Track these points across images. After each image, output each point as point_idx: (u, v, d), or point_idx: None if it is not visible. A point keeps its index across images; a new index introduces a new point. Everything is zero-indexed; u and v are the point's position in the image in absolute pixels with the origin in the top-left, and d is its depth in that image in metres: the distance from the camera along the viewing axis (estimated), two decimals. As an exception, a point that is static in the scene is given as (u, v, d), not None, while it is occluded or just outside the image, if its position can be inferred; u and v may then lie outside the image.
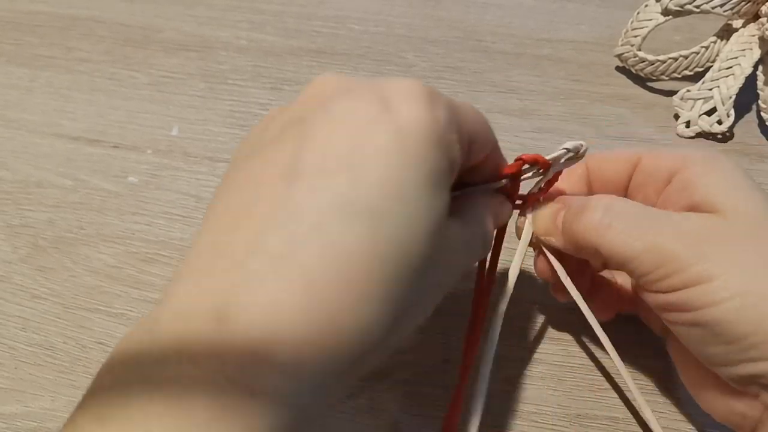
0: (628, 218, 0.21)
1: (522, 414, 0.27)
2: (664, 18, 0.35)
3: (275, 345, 0.14)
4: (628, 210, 0.22)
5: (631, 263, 0.21)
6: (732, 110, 0.35)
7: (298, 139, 0.16)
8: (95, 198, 0.35)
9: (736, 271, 0.19)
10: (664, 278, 0.20)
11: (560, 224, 0.23)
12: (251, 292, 0.14)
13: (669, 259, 0.20)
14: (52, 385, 0.28)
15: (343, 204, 0.15)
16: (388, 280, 0.15)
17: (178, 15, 0.45)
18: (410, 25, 0.43)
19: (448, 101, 0.18)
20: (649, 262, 0.20)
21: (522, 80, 0.40)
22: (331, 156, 0.16)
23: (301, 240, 0.15)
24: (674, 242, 0.20)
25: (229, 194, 0.18)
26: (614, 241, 0.21)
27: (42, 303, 0.31)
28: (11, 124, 0.38)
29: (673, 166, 0.23)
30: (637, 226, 0.21)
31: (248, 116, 0.38)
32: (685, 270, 0.20)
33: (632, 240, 0.21)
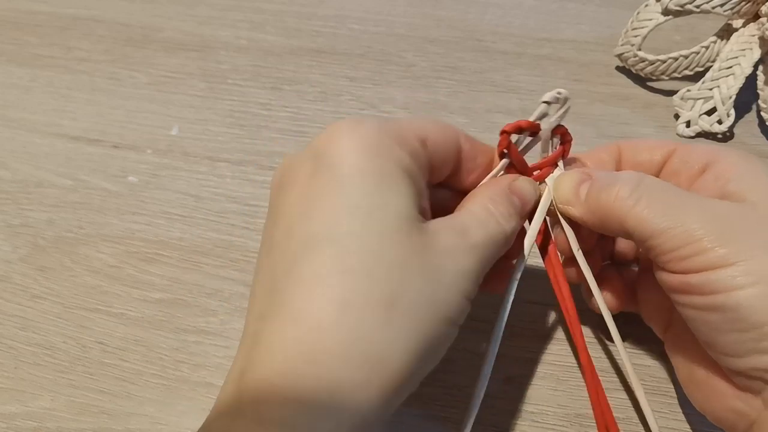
0: (657, 194, 0.21)
1: (522, 414, 0.27)
2: (664, 18, 0.35)
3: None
4: (658, 187, 0.21)
5: (655, 239, 0.20)
6: (732, 110, 0.35)
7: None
8: (95, 198, 0.35)
9: (761, 258, 0.19)
10: (686, 258, 0.20)
11: (583, 195, 0.23)
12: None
13: (694, 239, 0.20)
14: (51, 385, 0.28)
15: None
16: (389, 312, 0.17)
17: (178, 15, 0.45)
18: (410, 24, 0.43)
19: (373, 130, 0.20)
20: (673, 240, 0.20)
21: (522, 80, 0.40)
22: (304, 234, 0.18)
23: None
24: (701, 223, 0.20)
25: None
26: (641, 215, 0.21)
27: (42, 303, 0.31)
28: (11, 124, 0.38)
29: (708, 157, 0.23)
30: (665, 203, 0.21)
31: (248, 116, 0.38)
32: (708, 251, 0.19)
33: (659, 216, 0.20)
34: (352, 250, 0.18)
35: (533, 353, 0.29)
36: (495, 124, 0.37)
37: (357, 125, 0.20)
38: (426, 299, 0.18)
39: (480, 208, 0.22)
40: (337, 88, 0.40)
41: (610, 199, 0.22)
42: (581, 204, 0.23)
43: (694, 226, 0.20)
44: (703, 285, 0.20)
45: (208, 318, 0.30)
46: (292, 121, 0.38)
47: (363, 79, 0.40)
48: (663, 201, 0.21)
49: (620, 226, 0.21)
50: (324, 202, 0.19)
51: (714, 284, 0.19)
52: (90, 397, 0.28)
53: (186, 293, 0.31)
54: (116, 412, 0.27)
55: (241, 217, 0.33)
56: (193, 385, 0.28)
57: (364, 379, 0.17)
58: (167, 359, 0.29)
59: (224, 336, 0.29)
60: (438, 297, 0.19)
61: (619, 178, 0.22)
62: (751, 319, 0.19)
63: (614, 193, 0.21)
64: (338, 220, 0.18)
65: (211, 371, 0.28)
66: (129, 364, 0.29)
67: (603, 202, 0.22)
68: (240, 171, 0.36)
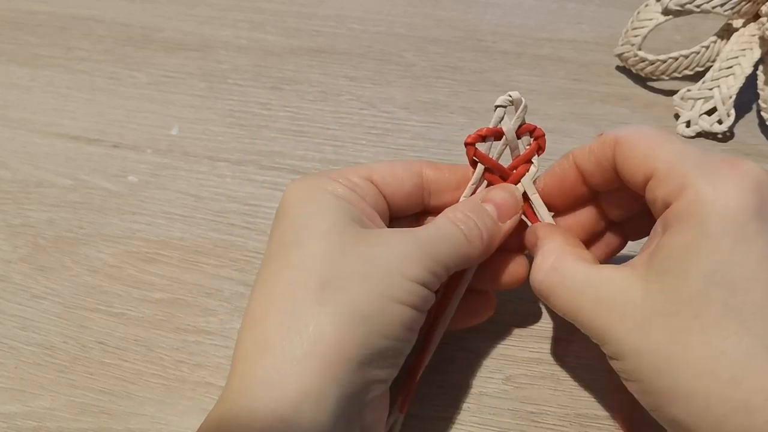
0: (564, 279, 0.22)
1: (522, 414, 0.27)
2: (664, 17, 0.35)
3: None
4: (568, 272, 0.23)
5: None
6: (732, 110, 0.35)
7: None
8: (95, 197, 0.35)
9: (638, 357, 0.20)
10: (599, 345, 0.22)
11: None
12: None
13: (593, 335, 0.22)
14: (52, 385, 0.28)
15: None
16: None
17: (179, 14, 0.45)
18: (410, 24, 0.43)
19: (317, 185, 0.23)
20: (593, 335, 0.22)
21: (522, 80, 0.40)
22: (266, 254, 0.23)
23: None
24: (594, 318, 0.21)
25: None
26: (549, 299, 0.23)
27: (42, 302, 0.31)
28: (11, 124, 0.38)
29: (671, 195, 0.21)
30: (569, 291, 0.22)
31: (248, 116, 0.38)
32: (604, 346, 0.21)
33: (560, 307, 0.23)
34: (293, 252, 0.21)
35: (533, 353, 0.29)
36: (495, 124, 0.37)
37: (302, 177, 0.24)
38: (360, 278, 0.20)
39: (440, 215, 0.24)
40: (337, 88, 0.40)
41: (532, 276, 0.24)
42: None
43: (588, 321, 0.22)
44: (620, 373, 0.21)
45: (208, 318, 0.30)
46: (292, 120, 0.38)
47: (363, 79, 0.40)
48: (567, 289, 0.22)
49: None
50: (275, 230, 0.23)
51: (624, 374, 0.21)
52: (90, 397, 0.28)
53: (186, 293, 0.31)
54: (116, 412, 0.27)
55: (241, 217, 0.33)
56: (193, 385, 0.28)
57: (304, 352, 0.19)
58: (167, 359, 0.29)
59: (224, 336, 0.29)
60: (374, 277, 0.20)
61: (539, 251, 0.24)
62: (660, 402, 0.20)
63: (536, 265, 0.24)
64: (284, 236, 0.22)
65: (211, 371, 0.28)
66: (129, 364, 0.29)
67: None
68: (240, 171, 0.36)
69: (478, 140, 0.25)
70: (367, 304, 0.20)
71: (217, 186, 0.35)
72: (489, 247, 0.24)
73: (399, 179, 0.25)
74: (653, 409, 0.20)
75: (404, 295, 0.21)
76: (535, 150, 0.26)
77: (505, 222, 0.25)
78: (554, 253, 0.23)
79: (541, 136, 0.26)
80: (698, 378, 0.18)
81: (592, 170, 0.24)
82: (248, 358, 0.20)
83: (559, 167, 0.25)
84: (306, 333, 0.19)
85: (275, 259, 0.22)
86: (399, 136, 0.37)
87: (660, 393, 0.19)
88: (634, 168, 0.22)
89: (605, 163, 0.23)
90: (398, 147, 0.37)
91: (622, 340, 0.20)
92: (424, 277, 0.21)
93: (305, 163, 0.36)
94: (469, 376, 0.28)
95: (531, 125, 0.26)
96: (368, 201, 0.24)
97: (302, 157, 0.36)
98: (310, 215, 0.22)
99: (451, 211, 0.24)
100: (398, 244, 0.21)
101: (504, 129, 0.25)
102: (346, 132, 0.37)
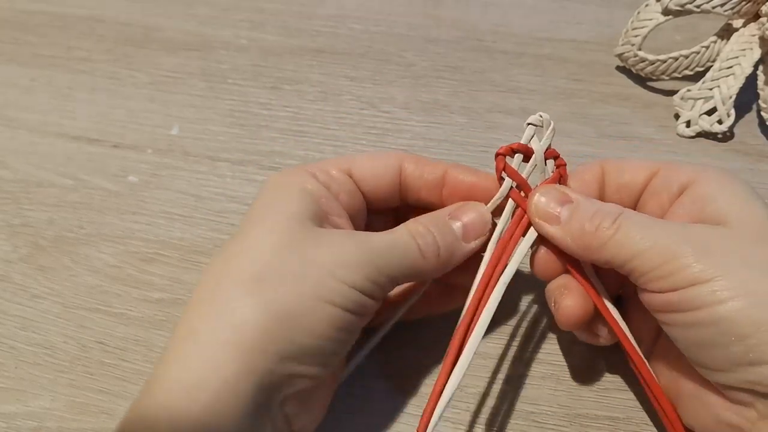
0: (636, 222, 0.22)
1: (522, 414, 0.27)
2: (664, 17, 0.35)
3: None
4: (637, 216, 0.22)
5: (634, 260, 0.21)
6: (732, 110, 0.35)
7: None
8: (95, 197, 0.35)
9: (739, 272, 0.19)
10: (665, 276, 0.20)
11: (565, 217, 0.23)
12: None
13: (673, 257, 0.20)
14: (52, 385, 0.28)
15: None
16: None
17: (179, 14, 0.45)
18: (411, 24, 0.43)
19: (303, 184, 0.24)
20: (652, 260, 0.20)
21: (522, 80, 0.40)
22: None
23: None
24: (678, 243, 0.20)
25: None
26: (621, 240, 0.21)
27: (42, 302, 0.31)
28: (11, 124, 0.38)
29: (688, 178, 0.23)
30: (644, 229, 0.21)
31: (248, 116, 0.38)
32: (688, 267, 0.20)
33: (638, 239, 0.21)
34: (241, 241, 0.22)
35: (533, 353, 0.29)
36: (495, 124, 0.37)
37: (286, 169, 0.25)
38: (293, 278, 0.21)
39: (402, 225, 0.24)
40: (337, 88, 0.40)
41: (591, 230, 0.22)
42: (561, 227, 0.23)
43: (672, 244, 0.20)
44: (683, 302, 0.20)
45: (208, 318, 0.30)
46: (293, 120, 0.38)
47: (363, 79, 0.40)
48: (641, 227, 0.21)
49: (599, 256, 0.22)
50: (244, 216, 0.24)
51: (694, 300, 0.20)
52: (90, 397, 0.28)
53: (186, 293, 0.31)
54: (116, 412, 0.27)
55: (241, 217, 0.33)
56: (193, 384, 0.28)
57: (225, 339, 0.20)
58: (167, 359, 0.29)
59: (224, 336, 0.29)
60: (309, 277, 0.21)
61: (600, 209, 0.22)
62: (735, 332, 0.19)
63: (596, 223, 0.22)
64: (243, 223, 0.23)
65: (211, 371, 0.28)
66: (129, 364, 0.29)
67: (585, 233, 0.22)
68: (240, 171, 0.36)
69: (509, 153, 0.25)
70: (295, 303, 0.20)
71: (217, 186, 0.35)
72: (446, 264, 0.24)
73: (377, 174, 0.25)
74: (719, 367, 0.20)
75: (336, 298, 0.21)
76: (557, 179, 0.25)
77: (470, 242, 0.25)
78: (616, 205, 0.23)
79: (563, 165, 0.25)
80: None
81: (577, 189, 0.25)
82: (175, 342, 0.21)
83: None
84: (230, 322, 0.20)
85: (227, 245, 0.23)
86: (399, 136, 0.37)
87: (766, 304, 0.19)
88: (635, 168, 0.25)
89: (590, 179, 0.26)
90: (398, 147, 0.37)
91: (721, 258, 0.20)
92: (362, 284, 0.21)
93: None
94: (470, 376, 0.28)
95: (555, 151, 0.25)
96: (342, 197, 0.25)
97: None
98: (269, 207, 0.23)
99: (413, 223, 0.24)
100: (341, 247, 0.22)
101: (534, 148, 0.25)
102: (346, 132, 0.37)
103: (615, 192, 0.25)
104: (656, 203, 0.24)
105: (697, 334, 0.20)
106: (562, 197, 0.24)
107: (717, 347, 0.20)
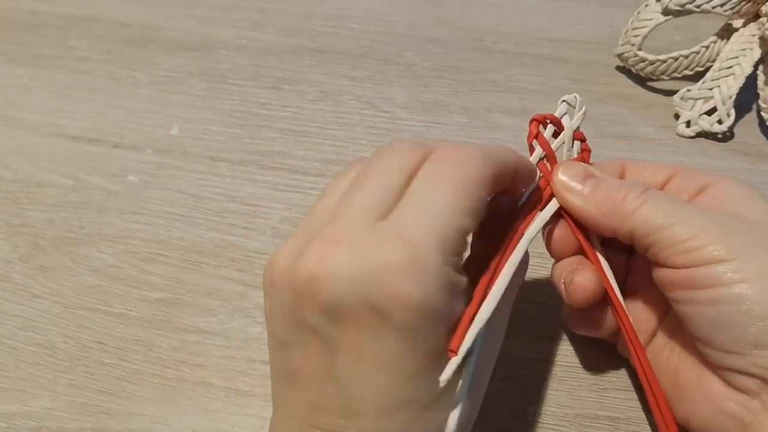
0: (662, 199, 0.22)
1: (522, 414, 0.27)
2: (664, 17, 0.35)
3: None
4: (663, 195, 0.23)
5: (659, 232, 0.21)
6: (732, 110, 0.35)
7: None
8: (95, 197, 0.35)
9: (761, 257, 0.20)
10: (689, 251, 0.21)
11: (589, 188, 0.23)
12: None
13: (699, 232, 0.21)
14: (51, 385, 0.28)
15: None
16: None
17: (179, 14, 0.45)
18: (411, 24, 0.43)
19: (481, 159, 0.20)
20: (677, 234, 0.21)
21: (522, 80, 0.40)
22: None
23: None
24: (705, 222, 0.21)
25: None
26: (647, 213, 0.22)
27: (42, 302, 0.31)
28: (11, 124, 0.38)
29: (706, 181, 0.24)
30: (670, 205, 0.22)
31: (248, 115, 0.38)
32: (712, 245, 0.20)
33: (664, 214, 0.21)
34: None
35: (533, 353, 0.29)
36: (495, 124, 0.37)
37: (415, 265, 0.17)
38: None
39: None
40: (337, 88, 0.40)
41: (618, 199, 0.22)
42: (585, 196, 0.23)
43: (697, 224, 0.21)
44: (705, 278, 0.20)
45: (208, 318, 0.30)
46: (292, 120, 0.38)
47: (363, 79, 0.40)
48: (668, 202, 0.22)
49: (623, 224, 0.22)
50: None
51: (716, 277, 0.20)
52: (90, 396, 0.28)
53: (186, 293, 0.31)
54: (116, 412, 0.27)
55: (241, 217, 0.33)
56: (193, 385, 0.28)
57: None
58: (167, 359, 0.29)
59: (224, 336, 0.29)
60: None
61: (626, 183, 0.23)
62: (754, 311, 0.19)
63: (623, 194, 0.22)
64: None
65: (211, 371, 0.28)
66: (129, 364, 0.29)
67: (611, 200, 0.23)
68: (240, 171, 0.36)
69: (543, 121, 0.25)
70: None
71: (217, 186, 0.35)
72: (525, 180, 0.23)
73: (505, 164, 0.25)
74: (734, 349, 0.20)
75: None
76: (581, 161, 0.26)
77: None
78: (639, 183, 0.23)
79: (587, 150, 0.26)
80: None
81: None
82: None
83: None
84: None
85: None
86: (399, 136, 0.37)
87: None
88: (655, 167, 0.25)
89: (612, 173, 0.25)
90: (398, 147, 0.36)
91: (747, 239, 0.20)
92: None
93: (305, 163, 0.36)
94: (469, 376, 0.28)
95: (582, 134, 0.26)
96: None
97: (302, 157, 0.36)
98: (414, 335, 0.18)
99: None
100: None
101: (565, 124, 0.25)
102: (346, 132, 0.37)
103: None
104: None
105: (715, 312, 0.20)
106: (586, 172, 0.24)
107: (734, 327, 0.20)
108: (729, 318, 0.20)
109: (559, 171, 0.24)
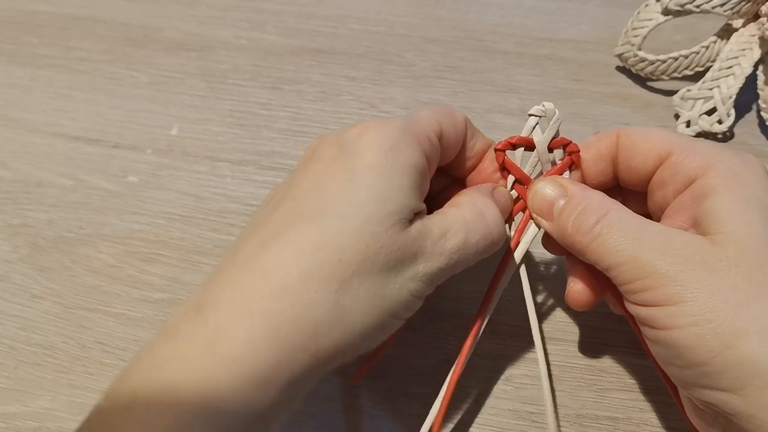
0: (618, 229, 0.21)
1: (522, 414, 0.27)
2: (664, 18, 0.35)
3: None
4: (620, 222, 0.22)
5: (612, 270, 0.21)
6: (732, 110, 0.35)
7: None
8: (95, 197, 0.35)
9: (707, 298, 0.19)
10: (640, 291, 0.21)
11: (556, 212, 0.23)
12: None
13: (645, 274, 0.20)
14: (51, 385, 0.28)
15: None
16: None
17: (179, 14, 0.45)
18: (411, 24, 0.43)
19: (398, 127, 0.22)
20: (626, 274, 0.21)
21: (522, 80, 0.40)
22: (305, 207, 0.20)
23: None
24: (656, 259, 0.20)
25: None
26: (599, 250, 0.21)
27: (42, 303, 0.31)
28: (11, 124, 0.38)
29: (696, 170, 0.22)
30: (624, 237, 0.21)
31: (248, 116, 0.38)
32: (658, 288, 0.20)
33: (615, 251, 0.21)
34: (336, 231, 0.19)
35: (533, 353, 0.29)
36: (495, 124, 0.37)
37: (384, 124, 0.22)
38: (374, 295, 0.20)
39: (470, 210, 0.23)
40: (337, 88, 0.40)
41: (574, 232, 0.22)
42: (553, 222, 0.23)
43: (648, 261, 0.20)
44: (651, 319, 0.20)
45: (208, 318, 0.30)
46: (292, 120, 0.38)
47: (363, 79, 0.40)
48: (622, 233, 0.21)
49: (584, 257, 0.22)
50: (333, 184, 0.20)
51: (658, 320, 0.20)
52: (90, 397, 0.28)
53: (186, 293, 0.31)
54: (116, 412, 0.27)
55: (241, 217, 0.33)
56: (193, 385, 0.28)
57: (301, 346, 0.18)
58: (167, 359, 0.29)
59: (224, 336, 0.29)
60: (387, 294, 0.20)
61: (588, 206, 0.22)
62: (689, 357, 0.19)
63: (578, 222, 0.22)
64: (336, 203, 0.20)
65: (211, 371, 0.28)
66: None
67: (567, 229, 0.23)
68: (240, 171, 0.36)
69: (507, 147, 0.24)
70: (373, 321, 0.20)
71: (217, 186, 0.35)
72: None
73: (457, 137, 0.24)
74: (682, 385, 0.21)
75: (405, 312, 0.21)
76: (567, 166, 0.25)
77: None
78: (606, 201, 0.22)
79: (575, 152, 0.25)
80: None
81: (588, 164, 0.25)
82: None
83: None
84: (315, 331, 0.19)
85: (313, 219, 0.20)
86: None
87: (724, 335, 0.19)
88: (646, 151, 0.24)
89: (604, 152, 0.25)
90: (398, 147, 0.36)
91: (690, 283, 0.20)
92: (428, 291, 0.22)
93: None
94: (470, 376, 0.28)
95: (565, 139, 0.25)
96: (433, 168, 0.23)
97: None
98: (379, 191, 0.20)
99: (483, 207, 0.23)
100: (424, 258, 0.21)
101: (535, 140, 0.24)
102: (346, 132, 0.37)
103: (626, 172, 0.25)
104: (661, 196, 0.24)
105: (659, 351, 0.21)
106: (556, 193, 0.24)
107: (674, 367, 0.20)
108: (670, 359, 0.20)
109: (529, 197, 0.25)
